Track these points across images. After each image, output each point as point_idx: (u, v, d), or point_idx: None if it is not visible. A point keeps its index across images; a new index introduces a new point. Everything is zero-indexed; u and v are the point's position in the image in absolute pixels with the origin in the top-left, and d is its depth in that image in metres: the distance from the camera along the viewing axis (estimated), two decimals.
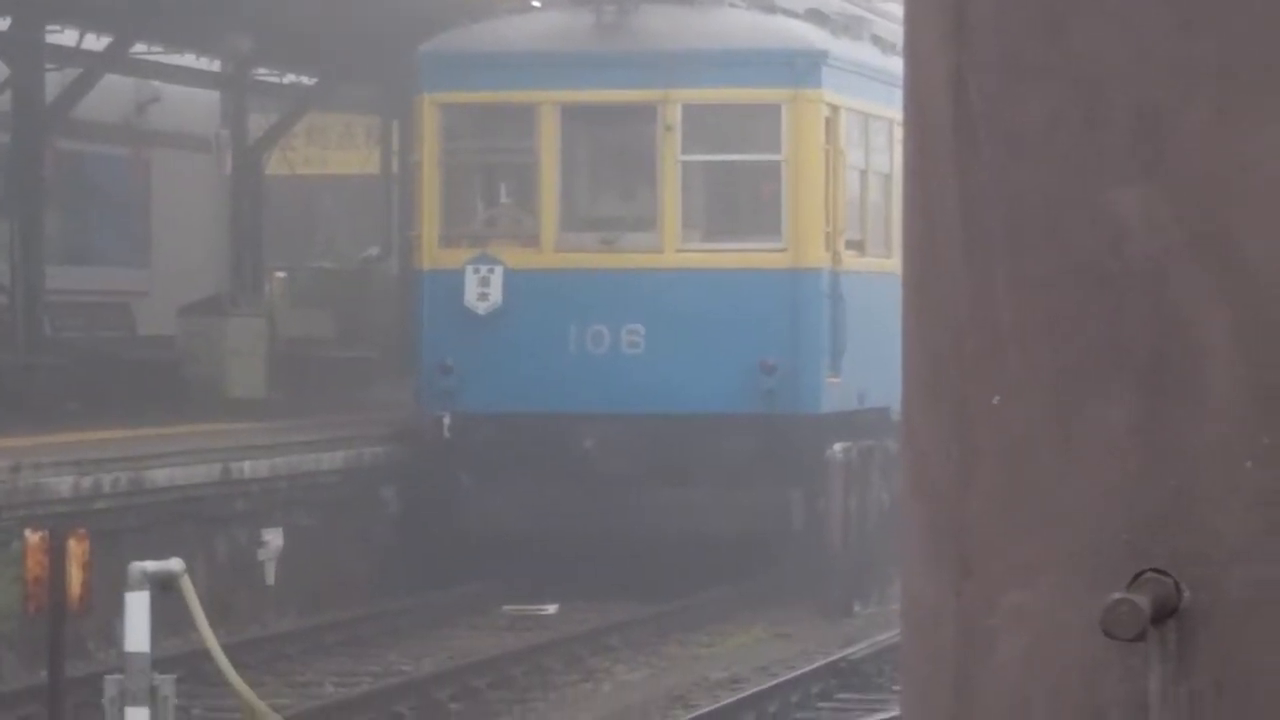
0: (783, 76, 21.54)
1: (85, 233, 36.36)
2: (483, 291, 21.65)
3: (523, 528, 19.77)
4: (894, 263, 23.66)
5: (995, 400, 3.19)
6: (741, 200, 22.31)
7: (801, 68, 21.65)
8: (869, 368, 22.13)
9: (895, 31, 27.10)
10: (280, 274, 40.13)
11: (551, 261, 21.72)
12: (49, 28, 32.39)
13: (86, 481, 21.50)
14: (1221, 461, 3.05)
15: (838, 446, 27.75)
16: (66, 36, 33.30)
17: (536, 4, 23.72)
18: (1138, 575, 2.98)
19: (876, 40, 24.88)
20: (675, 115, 21.33)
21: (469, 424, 21.50)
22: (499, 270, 21.58)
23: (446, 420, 21.65)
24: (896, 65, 26.01)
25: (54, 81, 32.43)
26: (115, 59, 32.97)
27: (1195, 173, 3.10)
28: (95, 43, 33.10)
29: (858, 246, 22.42)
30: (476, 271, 21.59)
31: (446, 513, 21.27)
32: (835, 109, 21.83)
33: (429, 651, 19.64)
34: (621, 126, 21.86)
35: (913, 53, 3.45)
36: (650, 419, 21.14)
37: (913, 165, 3.39)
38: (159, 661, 13.23)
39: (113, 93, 34.92)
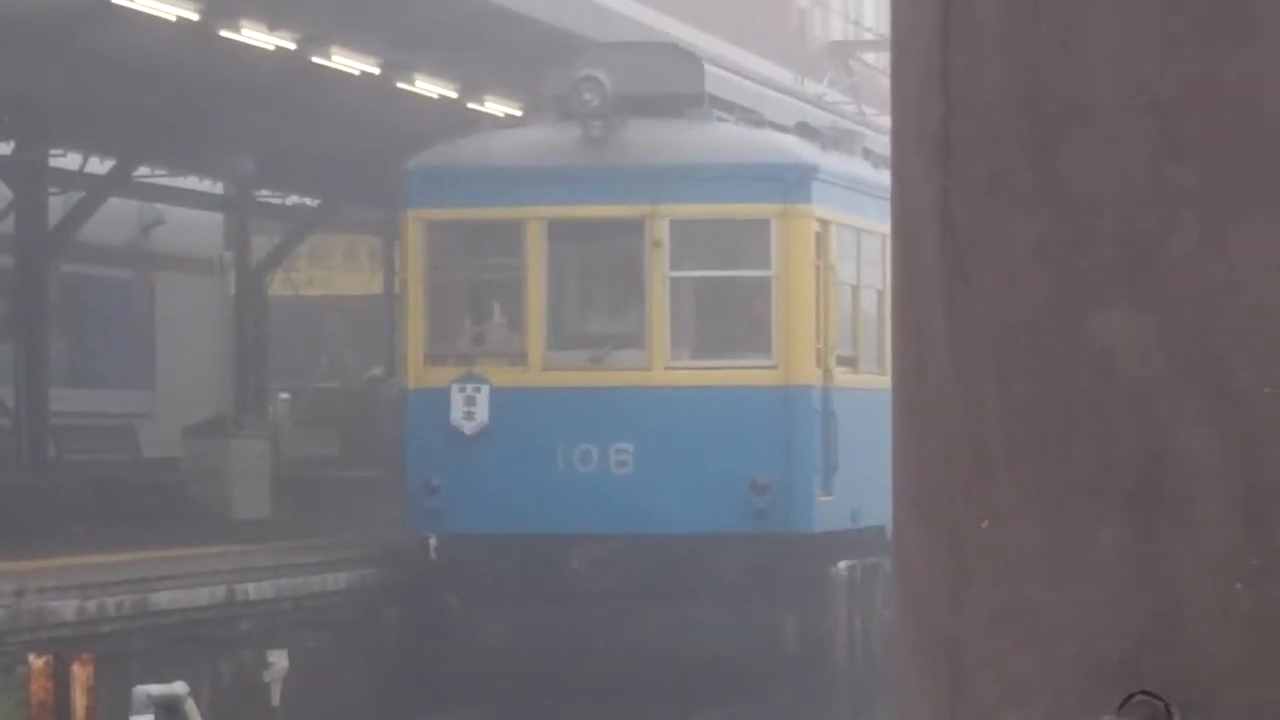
0: (772, 191, 21.56)
1: (89, 355, 36.94)
2: (469, 410, 21.66)
3: (514, 651, 19.71)
4: (887, 379, 23.69)
5: (984, 524, 3.21)
6: (731, 317, 22.35)
7: (791, 182, 21.67)
8: (863, 486, 21.96)
9: (886, 144, 27.20)
10: (284, 395, 40.53)
11: (538, 380, 21.82)
12: (52, 151, 32.62)
13: (91, 605, 21.40)
14: (1212, 583, 3.05)
15: (841, 564, 27.77)
16: (70, 160, 33.62)
17: (517, 114, 23.78)
18: (1129, 697, 3.00)
19: (868, 154, 24.89)
20: (663, 230, 21.39)
21: (456, 545, 21.57)
22: (485, 389, 21.65)
23: (433, 541, 21.73)
24: (889, 179, 26.01)
25: (57, 205, 32.66)
26: (119, 182, 33.33)
27: (1182, 297, 3.13)
28: (99, 166, 33.48)
29: (850, 363, 22.49)
30: (462, 390, 21.66)
31: (438, 636, 21.20)
32: (826, 224, 21.83)
33: None
34: (609, 242, 22.00)
35: (900, 177, 3.50)
36: (640, 539, 21.14)
37: (901, 288, 3.41)
38: None
39: (116, 216, 35.07)
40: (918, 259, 3.35)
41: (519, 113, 23.82)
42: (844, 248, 22.28)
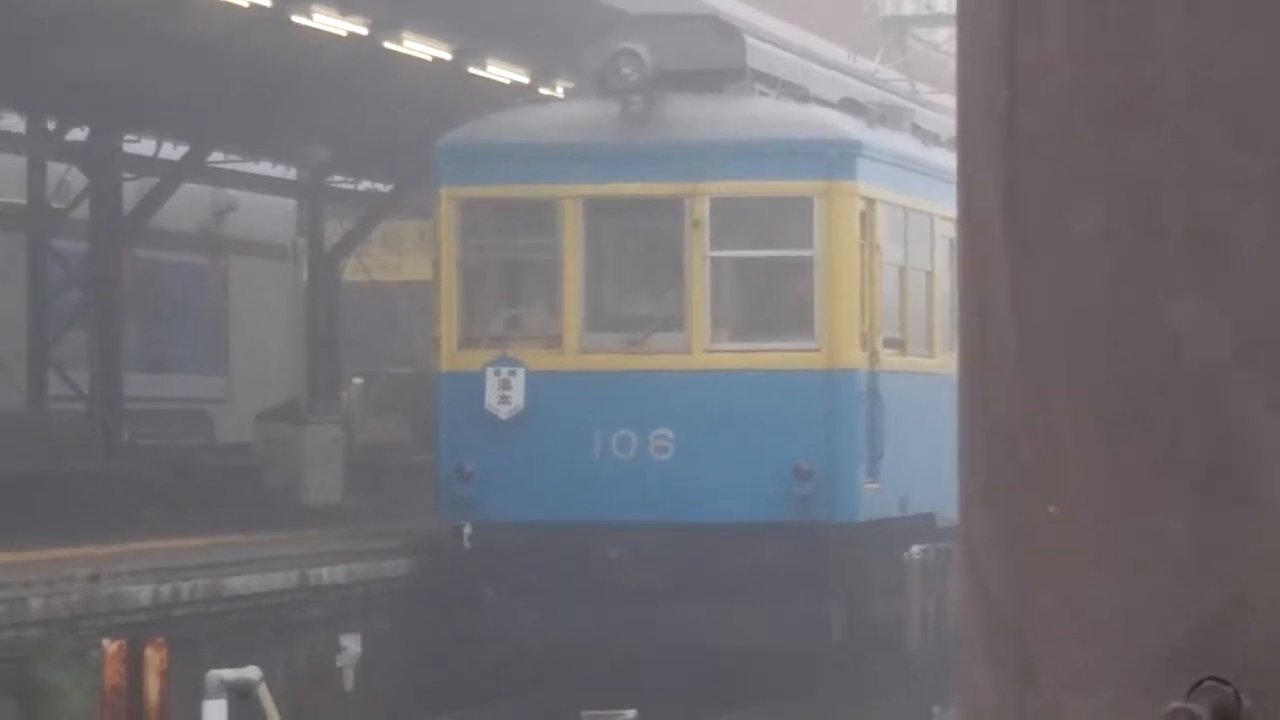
0: (815, 168, 21.41)
1: (163, 341, 37.40)
2: (504, 395, 21.47)
3: (549, 644, 19.56)
4: (937, 362, 23.14)
5: (1051, 509, 3.24)
6: (773, 298, 22.14)
7: (835, 159, 21.53)
8: (911, 472, 22.13)
9: (938, 121, 26.75)
10: (357, 380, 40.74)
11: (575, 363, 21.67)
12: (126, 137, 33.04)
13: (165, 590, 21.63)
14: (1276, 581, 3.11)
15: (915, 548, 27.43)
16: (144, 146, 34.07)
17: (559, 94, 23.74)
18: (1198, 684, 3.03)
19: (917, 131, 24.82)
20: (703, 209, 21.26)
21: (491, 533, 21.40)
22: (520, 373, 21.47)
23: (467, 530, 21.56)
24: (939, 157, 25.34)
25: (131, 191, 33.16)
26: (192, 168, 33.72)
27: (1249, 283, 3.17)
28: (172, 152, 33.97)
29: (898, 346, 22.39)
30: (497, 374, 21.46)
31: (473, 626, 21.06)
32: (871, 202, 21.73)
33: None
34: (647, 221, 21.84)
35: (965, 163, 3.51)
36: (679, 528, 20.94)
37: (966, 274, 3.47)
38: None
39: (190, 201, 35.44)
40: (983, 245, 3.40)
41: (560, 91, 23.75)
42: (891, 227, 22.08)
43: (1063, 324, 3.29)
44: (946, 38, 31.17)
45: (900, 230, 22.45)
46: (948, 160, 25.55)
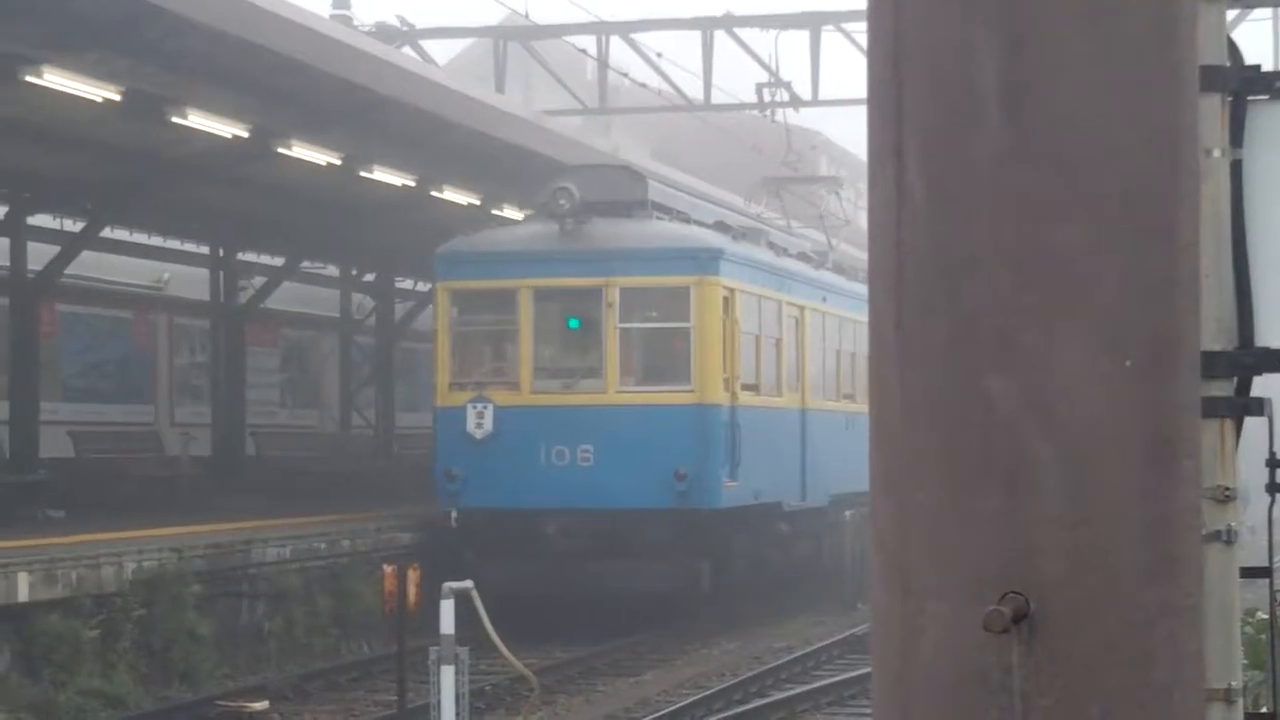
0: (691, 267, 21.89)
1: (414, 395, 38.74)
2: (479, 422, 22.09)
3: (511, 591, 20.06)
4: (782, 400, 23.59)
5: (920, 495, 3.57)
6: (662, 355, 22.45)
7: (704, 261, 22.00)
8: (761, 474, 22.53)
9: (789, 241, 27.36)
10: None
11: (528, 400, 22.17)
12: (397, 280, 36.46)
13: (419, 536, 23.62)
14: (1049, 531, 3.42)
15: (848, 512, 28.19)
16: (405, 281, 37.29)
17: (520, 216, 24.38)
18: (1004, 595, 3.39)
19: (772, 245, 25.25)
20: (615, 295, 21.78)
21: (470, 516, 21.89)
22: (490, 407, 22.05)
23: (454, 514, 22.12)
24: (787, 263, 25.77)
25: (400, 309, 37.28)
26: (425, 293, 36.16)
27: (1030, 367, 3.47)
28: (422, 286, 36.34)
29: (753, 388, 22.75)
30: (474, 408, 22.07)
31: (458, 578, 21.80)
32: (732, 290, 22.06)
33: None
34: (577, 303, 22.19)
35: (872, 292, 3.73)
36: (597, 512, 21.43)
37: (875, 357, 3.72)
38: (459, 640, 14.68)
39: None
40: (880, 345, 3.69)
41: (522, 216, 24.41)
42: (746, 308, 22.39)
43: (927, 388, 3.57)
44: (808, 191, 31.42)
45: (755, 310, 22.81)
46: (794, 265, 26.15)
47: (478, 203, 27.26)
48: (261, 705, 17.14)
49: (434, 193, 26.32)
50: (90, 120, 18.68)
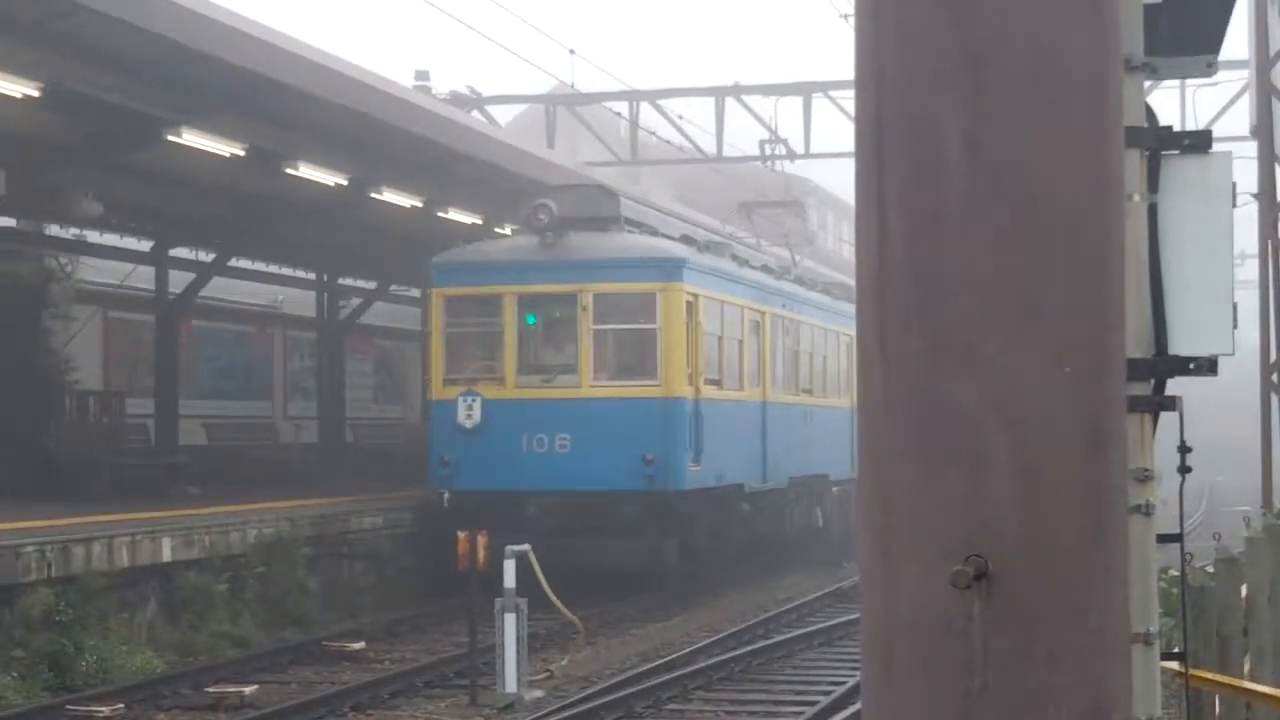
0: (657, 275, 21.76)
1: None
2: (469, 413, 21.88)
3: (496, 563, 20.04)
4: (743, 394, 23.18)
5: (899, 476, 3.70)
6: (632, 354, 22.12)
7: (669, 269, 21.87)
8: (724, 459, 22.48)
9: (752, 254, 27.29)
10: None
11: (511, 394, 22.01)
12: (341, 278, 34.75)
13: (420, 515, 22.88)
14: (1005, 505, 3.56)
15: (835, 488, 28.90)
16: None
17: (507, 231, 24.27)
18: (968, 557, 3.53)
19: (735, 257, 25.12)
20: (589, 300, 21.64)
21: (460, 498, 21.70)
22: (479, 400, 21.84)
23: (446, 495, 21.91)
24: (749, 273, 25.53)
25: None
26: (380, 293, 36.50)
27: (989, 375, 3.58)
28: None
29: (715, 383, 22.60)
30: (464, 401, 21.87)
31: (450, 554, 21.57)
32: (695, 296, 21.98)
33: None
34: (555, 307, 21.93)
35: (860, 311, 3.85)
36: (573, 493, 21.31)
37: (862, 364, 3.84)
38: (518, 593, 15.83)
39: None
40: (866, 353, 3.83)
41: (509, 230, 24.31)
42: (709, 311, 22.16)
43: (905, 389, 3.70)
44: (779, 213, 31.59)
45: (718, 314, 22.53)
46: (755, 275, 25.99)
47: None
48: (359, 645, 18.84)
49: (496, 229, 27.43)
50: (219, 171, 21.07)
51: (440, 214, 24.44)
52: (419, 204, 24.64)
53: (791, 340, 27.20)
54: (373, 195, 23.71)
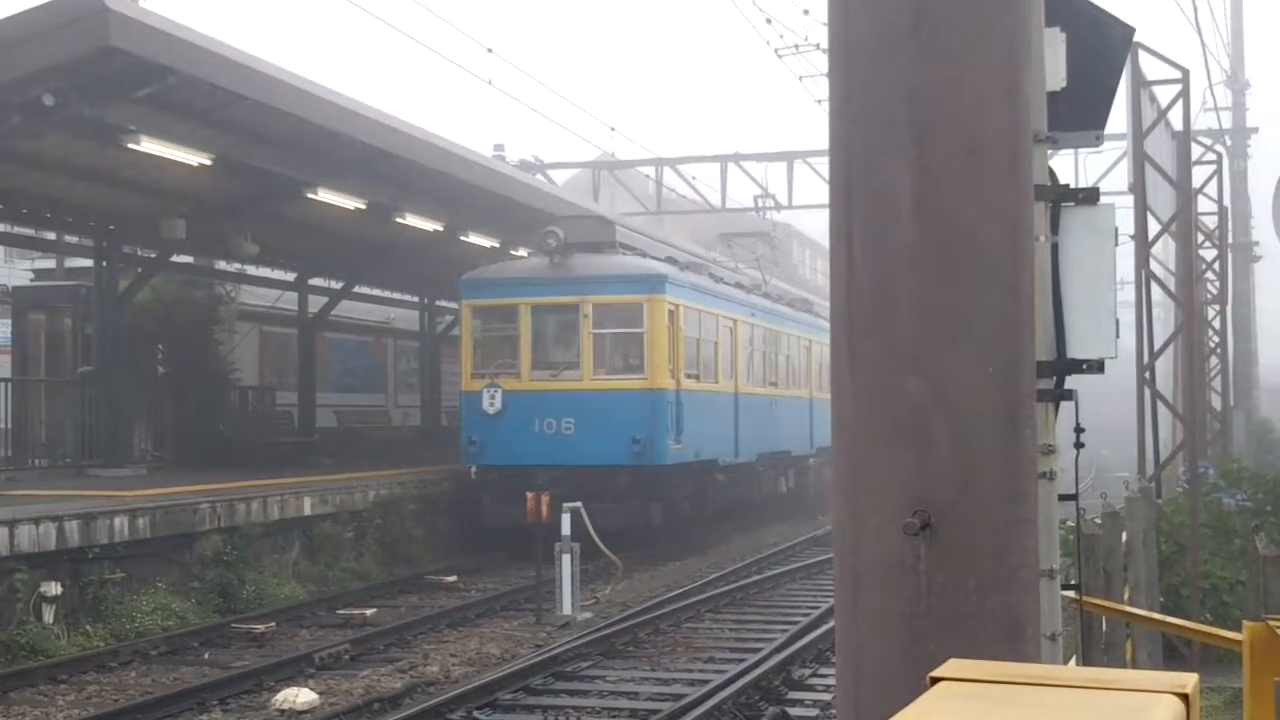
0: (643, 289, 20.57)
1: None
2: (492, 402, 20.69)
3: (514, 524, 18.54)
4: (718, 386, 22.37)
5: (863, 451, 3.68)
6: (624, 353, 20.90)
7: (653, 283, 20.67)
8: (701, 439, 21.60)
9: (726, 273, 25.88)
10: None
11: (526, 386, 20.73)
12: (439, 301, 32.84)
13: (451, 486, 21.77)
14: (944, 472, 3.55)
15: (812, 460, 28.07)
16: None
17: (523, 254, 23.14)
18: (916, 511, 3.55)
19: (712, 275, 24.33)
20: (589, 309, 20.47)
21: (485, 471, 20.54)
22: (500, 391, 20.72)
23: (473, 470, 20.66)
24: (724, 288, 23.96)
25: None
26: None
27: (935, 370, 3.54)
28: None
29: (695, 377, 21.61)
30: (489, 392, 20.72)
31: (477, 517, 20.46)
32: (676, 306, 20.95)
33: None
34: (562, 315, 20.75)
35: (833, 325, 3.80)
36: (576, 469, 19.87)
37: (834, 365, 3.79)
38: (572, 539, 15.28)
39: None
40: (839, 356, 3.79)
41: (525, 252, 23.75)
42: (688, 319, 21.20)
43: (868, 385, 3.69)
44: (752, 240, 31.34)
45: (696, 321, 21.59)
46: (729, 290, 24.34)
47: None
48: (452, 578, 18.71)
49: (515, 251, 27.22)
50: (346, 220, 20.94)
51: (513, 252, 24.30)
52: (496, 245, 24.58)
53: (760, 343, 26.09)
54: (461, 239, 23.90)
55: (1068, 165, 30.80)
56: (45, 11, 13.73)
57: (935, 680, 2.34)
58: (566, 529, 15.52)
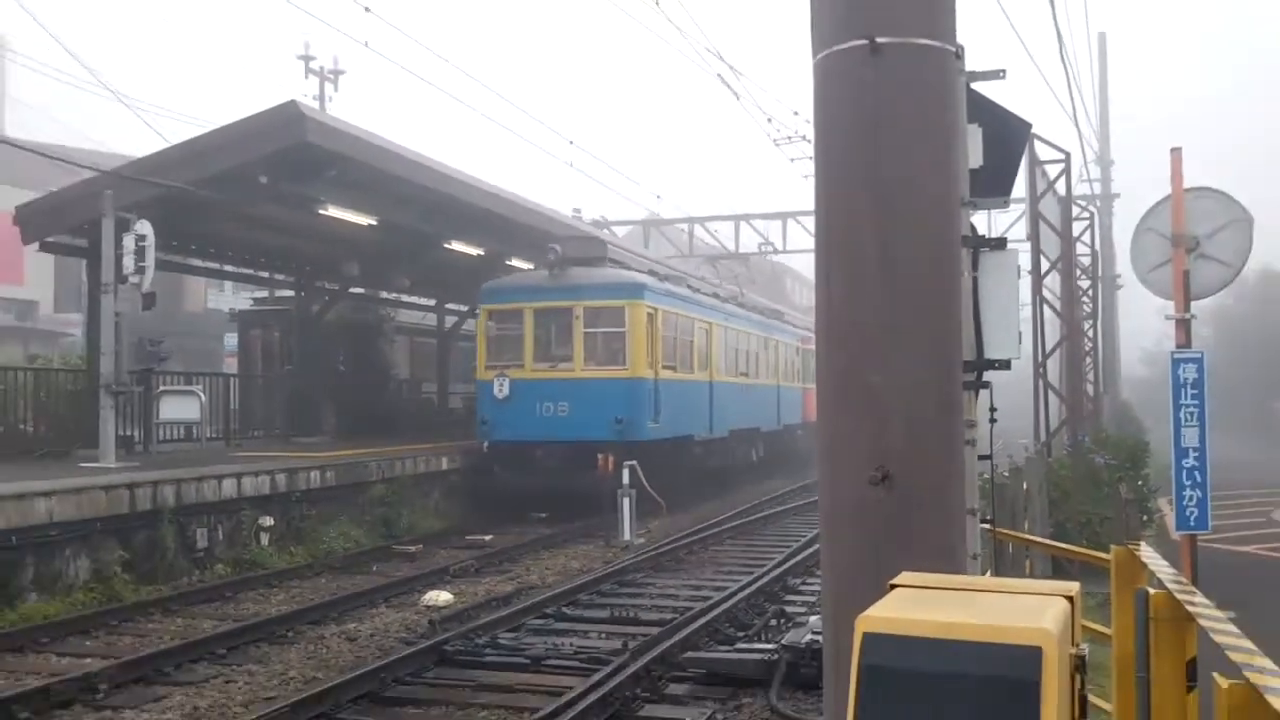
0: (626, 295, 18.00)
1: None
2: (500, 388, 17.97)
3: (519, 491, 17.28)
4: (692, 375, 20.28)
5: (839, 425, 3.61)
6: (610, 348, 18.38)
7: (634, 290, 18.09)
8: (677, 419, 19.28)
9: (703, 284, 23.99)
10: None
11: (529, 375, 18.10)
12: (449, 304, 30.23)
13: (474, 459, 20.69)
14: (898, 439, 3.50)
15: (799, 432, 26.59)
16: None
17: (528, 266, 20.47)
18: (878, 466, 3.52)
19: (690, 286, 21.92)
20: (581, 311, 17.93)
21: (496, 446, 17.96)
22: (508, 379, 18.04)
23: (485, 445, 17.95)
24: (699, 297, 21.19)
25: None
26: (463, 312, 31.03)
27: (895, 367, 3.51)
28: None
29: (671, 368, 19.17)
30: (498, 380, 18.05)
31: (490, 485, 18.16)
32: (655, 309, 18.58)
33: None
34: (559, 317, 18.22)
35: (817, 338, 3.85)
36: (569, 442, 17.58)
37: (819, 364, 3.77)
38: (630, 486, 14.98)
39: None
40: (822, 348, 3.74)
41: (530, 265, 20.96)
42: (666, 320, 19.09)
43: (840, 380, 3.65)
44: (730, 262, 31.16)
45: (674, 323, 19.44)
46: (704, 299, 22.13)
47: None
48: (544, 515, 17.87)
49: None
50: (470, 263, 21.21)
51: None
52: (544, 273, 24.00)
53: (733, 341, 23.42)
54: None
55: (983, 221, 30.63)
56: (262, 118, 14.88)
57: (893, 586, 2.37)
58: (625, 478, 15.23)
